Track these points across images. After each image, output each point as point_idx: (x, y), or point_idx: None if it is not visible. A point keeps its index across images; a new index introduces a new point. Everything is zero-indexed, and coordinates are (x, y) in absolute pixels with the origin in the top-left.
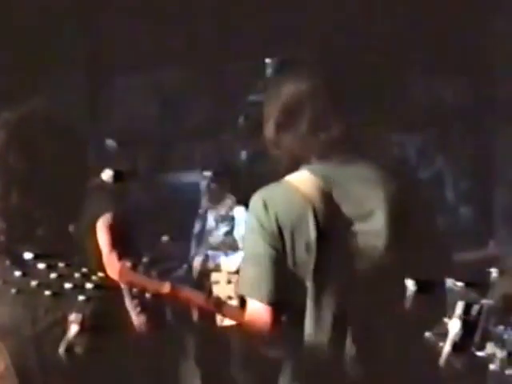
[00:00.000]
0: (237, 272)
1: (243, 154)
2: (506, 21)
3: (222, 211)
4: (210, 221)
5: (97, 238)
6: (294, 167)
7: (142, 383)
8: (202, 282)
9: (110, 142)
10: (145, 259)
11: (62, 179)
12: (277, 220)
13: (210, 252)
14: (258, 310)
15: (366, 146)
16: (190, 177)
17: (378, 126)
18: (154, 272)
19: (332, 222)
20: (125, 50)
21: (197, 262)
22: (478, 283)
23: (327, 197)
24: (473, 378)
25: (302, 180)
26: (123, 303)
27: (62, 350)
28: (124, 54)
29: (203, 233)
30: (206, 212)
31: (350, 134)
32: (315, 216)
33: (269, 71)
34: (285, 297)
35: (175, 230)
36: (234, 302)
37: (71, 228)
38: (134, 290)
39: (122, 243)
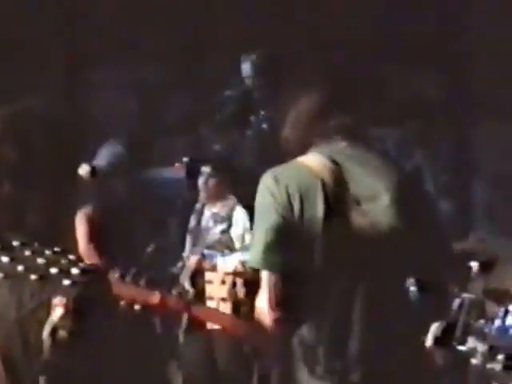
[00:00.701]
0: (233, 273)
1: (219, 147)
2: (483, 15)
3: (222, 212)
4: (206, 217)
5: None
6: (302, 152)
7: (125, 367)
8: (196, 281)
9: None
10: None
11: (51, 170)
12: (287, 192)
13: (206, 251)
14: (267, 282)
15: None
16: (171, 172)
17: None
18: (142, 282)
19: (340, 197)
20: (103, 45)
21: (192, 261)
22: (458, 277)
23: (335, 174)
24: (454, 373)
25: (312, 159)
26: (109, 288)
27: (46, 333)
28: (103, 50)
29: (199, 230)
30: (202, 208)
31: (348, 124)
32: (324, 191)
33: (244, 67)
34: (294, 266)
35: (159, 228)
36: (227, 305)
37: (60, 217)
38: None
39: (99, 237)
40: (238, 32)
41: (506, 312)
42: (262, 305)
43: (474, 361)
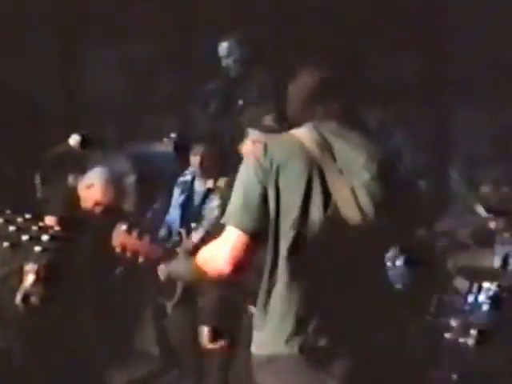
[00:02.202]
0: None
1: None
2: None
3: (217, 186)
4: (200, 193)
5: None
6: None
7: (95, 330)
8: None
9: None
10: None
11: (24, 143)
12: (271, 162)
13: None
14: (233, 237)
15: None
16: (159, 147)
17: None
18: (146, 238)
19: (324, 169)
20: (94, 22)
21: (195, 238)
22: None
23: (322, 148)
24: (428, 347)
25: (302, 133)
26: (77, 254)
27: (18, 299)
28: (93, 27)
29: (192, 205)
30: (192, 182)
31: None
32: (309, 164)
33: (221, 50)
34: (263, 233)
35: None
36: None
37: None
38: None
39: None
40: (226, 10)
41: (480, 288)
42: (219, 256)
43: (447, 335)
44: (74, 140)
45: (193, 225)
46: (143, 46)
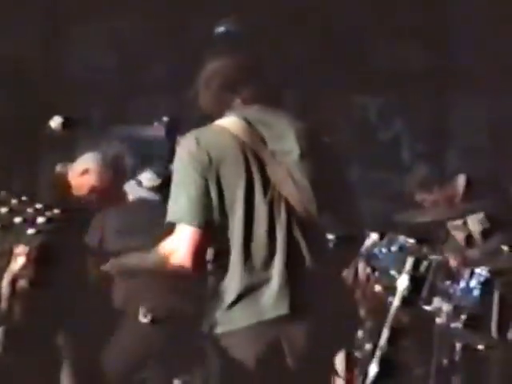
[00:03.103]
0: None
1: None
2: None
3: None
4: None
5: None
6: (218, 116)
7: (86, 315)
8: None
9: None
10: None
11: (16, 126)
12: (208, 153)
13: None
14: (188, 235)
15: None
16: (150, 130)
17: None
18: None
19: (258, 154)
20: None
21: None
22: (428, 240)
23: (252, 134)
24: (420, 331)
25: (229, 122)
26: (74, 237)
27: (5, 282)
28: (83, 2)
29: None
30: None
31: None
32: (243, 151)
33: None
34: (213, 222)
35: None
36: None
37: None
38: None
39: None
40: None
41: (472, 273)
42: (179, 253)
43: (438, 320)
44: (55, 122)
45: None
46: (131, 21)
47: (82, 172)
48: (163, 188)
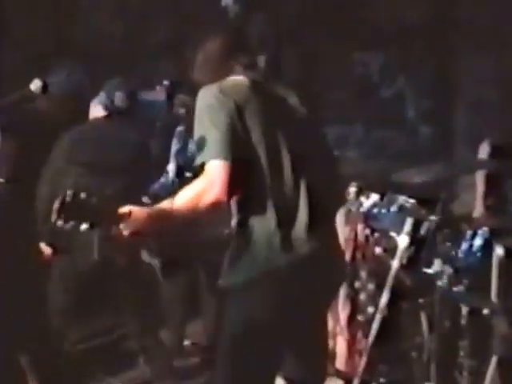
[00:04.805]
0: None
1: None
2: None
3: None
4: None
5: None
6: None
7: None
8: None
9: None
10: None
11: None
12: (234, 99)
13: None
14: (223, 170)
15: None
16: (152, 94)
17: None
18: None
19: (271, 101)
20: None
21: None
22: (429, 200)
23: (265, 90)
24: (421, 294)
25: (240, 79)
26: None
27: None
28: None
29: (185, 154)
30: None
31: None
32: (262, 101)
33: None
34: (243, 157)
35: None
36: None
37: None
38: None
39: None
40: None
41: (474, 235)
42: (214, 193)
43: (439, 283)
44: (35, 85)
45: (187, 174)
46: None
47: None
48: (131, 109)
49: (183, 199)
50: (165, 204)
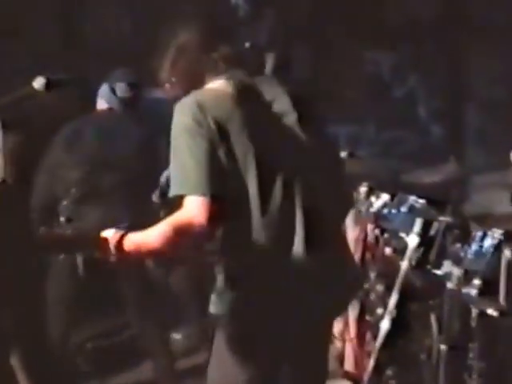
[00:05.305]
0: None
1: None
2: None
3: None
4: None
5: None
6: (197, 85)
7: None
8: None
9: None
10: None
11: None
12: (213, 118)
13: None
14: (199, 205)
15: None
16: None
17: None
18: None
19: (261, 116)
20: None
21: None
22: (440, 201)
23: (251, 95)
24: (431, 296)
25: (226, 85)
26: None
27: None
28: None
29: None
30: None
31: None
32: (246, 114)
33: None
34: (225, 190)
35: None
36: None
37: None
38: None
39: None
40: None
41: (484, 236)
42: (193, 231)
43: (449, 285)
44: (38, 83)
45: None
46: None
47: None
48: (133, 100)
49: (157, 237)
50: (137, 236)
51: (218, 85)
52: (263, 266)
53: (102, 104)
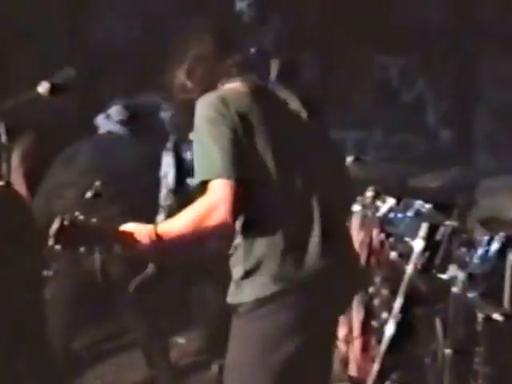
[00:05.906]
0: None
1: None
2: None
3: None
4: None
5: None
6: (211, 88)
7: None
8: None
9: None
10: None
11: None
12: (236, 111)
13: None
14: (224, 188)
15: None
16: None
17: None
18: None
19: (276, 109)
20: None
21: None
22: (446, 205)
23: (267, 95)
24: (436, 300)
25: (242, 86)
26: None
27: None
28: None
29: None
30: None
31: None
32: (264, 111)
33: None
34: (248, 176)
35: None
36: None
37: None
38: None
39: None
40: None
41: (490, 240)
42: (219, 215)
43: (454, 289)
44: (43, 87)
45: (188, 180)
46: None
47: None
48: (131, 121)
49: (185, 221)
50: (166, 225)
51: (234, 85)
52: (279, 256)
53: (100, 130)
